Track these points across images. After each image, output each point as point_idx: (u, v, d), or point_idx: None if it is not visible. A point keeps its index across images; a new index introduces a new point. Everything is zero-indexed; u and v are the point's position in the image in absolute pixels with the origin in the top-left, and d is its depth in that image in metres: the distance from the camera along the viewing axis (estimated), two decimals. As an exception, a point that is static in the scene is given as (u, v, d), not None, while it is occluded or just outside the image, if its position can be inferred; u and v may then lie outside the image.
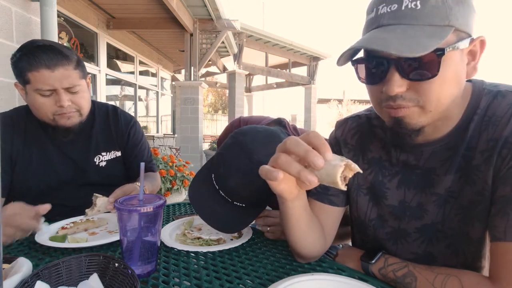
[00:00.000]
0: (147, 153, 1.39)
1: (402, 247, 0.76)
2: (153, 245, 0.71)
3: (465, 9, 0.58)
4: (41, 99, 1.04)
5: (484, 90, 0.66)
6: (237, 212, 0.87)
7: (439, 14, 0.55)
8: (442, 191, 0.68)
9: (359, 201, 0.82)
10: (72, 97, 1.08)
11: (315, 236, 0.76)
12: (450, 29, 0.55)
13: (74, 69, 1.06)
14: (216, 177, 0.88)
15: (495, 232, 0.59)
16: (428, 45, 0.53)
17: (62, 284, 0.60)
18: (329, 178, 0.49)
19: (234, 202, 0.86)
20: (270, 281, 0.68)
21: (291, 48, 10.97)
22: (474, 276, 0.60)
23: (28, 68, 1.00)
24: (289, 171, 0.52)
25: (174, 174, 4.02)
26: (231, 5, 6.92)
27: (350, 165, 0.49)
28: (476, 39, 0.60)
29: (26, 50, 1.01)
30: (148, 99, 9.62)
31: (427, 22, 0.56)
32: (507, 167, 0.59)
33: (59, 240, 0.88)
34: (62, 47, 1.05)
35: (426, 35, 0.54)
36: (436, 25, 0.56)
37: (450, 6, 0.56)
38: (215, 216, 0.88)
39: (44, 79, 1.01)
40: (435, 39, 0.54)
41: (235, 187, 0.84)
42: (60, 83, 1.03)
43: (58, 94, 1.04)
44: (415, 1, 0.56)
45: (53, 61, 1.01)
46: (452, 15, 0.56)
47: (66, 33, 5.29)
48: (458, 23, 0.56)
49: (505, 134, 0.60)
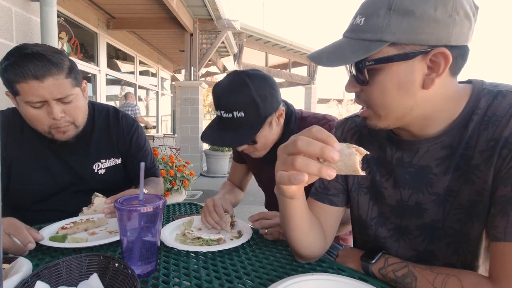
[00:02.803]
0: (150, 158, 1.35)
1: (404, 244, 0.76)
2: (153, 245, 0.71)
3: (412, 23, 0.57)
4: (33, 111, 0.98)
5: (483, 90, 0.66)
6: (240, 124, 0.99)
7: (373, 30, 0.60)
8: (441, 190, 0.68)
9: (360, 201, 0.82)
10: (66, 108, 1.02)
11: (315, 236, 0.76)
12: (381, 44, 0.59)
13: (66, 77, 0.99)
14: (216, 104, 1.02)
15: (495, 232, 0.59)
16: (346, 59, 0.62)
17: (62, 284, 0.60)
18: (348, 167, 0.50)
19: (234, 113, 0.97)
20: (270, 281, 0.68)
21: (291, 48, 10.98)
22: (474, 276, 0.61)
23: (15, 79, 0.94)
24: (310, 172, 0.51)
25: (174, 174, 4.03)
26: (231, 5, 6.90)
27: (359, 150, 0.51)
28: (430, 53, 0.59)
29: (12, 60, 0.94)
30: (148, 99, 9.61)
31: (361, 37, 0.62)
32: (507, 167, 0.59)
33: (59, 240, 0.88)
34: (53, 54, 0.98)
35: (351, 50, 0.62)
36: (368, 40, 0.60)
37: (389, 23, 0.58)
38: (225, 139, 1.02)
39: (33, 91, 0.94)
40: (358, 53, 0.61)
41: (227, 94, 0.98)
42: (50, 94, 0.96)
43: (49, 105, 0.98)
44: (361, 18, 0.62)
45: (41, 70, 0.93)
46: (389, 31, 0.59)
47: (66, 33, 5.28)
48: (396, 37, 0.58)
49: (505, 134, 0.60)
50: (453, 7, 0.57)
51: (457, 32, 0.58)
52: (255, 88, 0.98)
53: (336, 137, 0.88)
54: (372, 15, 0.60)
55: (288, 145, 0.55)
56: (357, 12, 0.64)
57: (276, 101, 1.05)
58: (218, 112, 1.02)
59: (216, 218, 1.01)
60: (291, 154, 0.54)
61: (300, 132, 0.55)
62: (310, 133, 0.53)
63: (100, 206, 0.95)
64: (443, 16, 0.57)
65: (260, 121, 1.01)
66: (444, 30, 0.57)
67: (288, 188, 0.60)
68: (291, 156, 0.53)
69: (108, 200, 0.93)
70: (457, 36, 0.58)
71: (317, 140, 0.51)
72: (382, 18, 0.59)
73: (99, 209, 0.95)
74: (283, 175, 0.54)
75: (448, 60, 0.59)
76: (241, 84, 0.98)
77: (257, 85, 0.99)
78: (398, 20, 0.58)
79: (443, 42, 0.58)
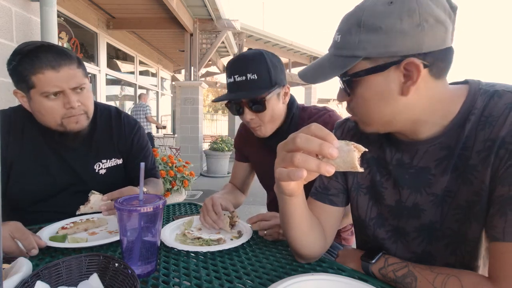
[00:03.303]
0: (151, 159, 1.34)
1: (401, 246, 0.76)
2: (153, 245, 0.71)
3: (381, 37, 0.60)
4: (48, 103, 0.99)
5: (480, 90, 0.66)
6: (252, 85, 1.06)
7: (347, 46, 0.64)
8: (439, 191, 0.68)
9: (359, 201, 0.82)
10: (80, 97, 1.03)
11: (315, 236, 0.76)
12: (355, 59, 0.63)
13: (78, 67, 1.02)
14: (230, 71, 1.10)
15: (494, 232, 0.59)
16: (328, 74, 0.66)
17: (62, 284, 0.60)
18: (347, 164, 0.51)
19: (248, 75, 1.05)
20: (270, 281, 0.68)
21: (291, 48, 10.97)
22: (474, 276, 0.61)
23: (31, 71, 0.95)
24: (309, 168, 0.52)
25: (174, 174, 4.03)
26: (231, 5, 6.90)
27: (357, 147, 0.51)
28: (402, 63, 0.60)
29: (26, 52, 0.96)
30: (148, 99, 9.61)
31: (338, 53, 0.65)
32: (505, 167, 0.59)
33: (59, 240, 0.88)
34: (61, 47, 1.02)
35: (330, 66, 0.66)
36: (345, 56, 0.64)
37: (360, 39, 0.62)
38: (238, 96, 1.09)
39: (50, 81, 0.96)
40: (336, 69, 0.65)
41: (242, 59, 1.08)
42: (67, 83, 0.98)
43: (66, 95, 0.99)
44: (338, 36, 0.66)
45: (56, 60, 0.96)
46: (360, 47, 0.62)
47: (66, 33, 5.29)
48: (367, 52, 0.61)
49: (502, 134, 0.60)
50: (420, 16, 0.58)
51: (430, 38, 0.59)
52: (269, 58, 1.08)
53: (336, 137, 0.89)
54: (346, 32, 0.64)
55: (288, 142, 0.55)
56: (337, 29, 0.68)
57: (284, 76, 1.13)
58: (231, 79, 1.08)
59: (214, 217, 1.01)
60: (290, 151, 0.54)
61: (299, 130, 0.55)
62: (309, 130, 0.53)
63: (96, 204, 0.95)
64: (410, 27, 0.58)
65: (271, 86, 1.07)
66: (413, 40, 0.59)
67: (288, 185, 0.60)
68: (290, 153, 0.54)
69: (105, 197, 0.94)
70: (430, 42, 0.59)
71: (316, 137, 0.52)
72: (354, 35, 0.63)
73: (96, 206, 0.95)
74: (282, 171, 0.55)
75: (418, 69, 0.60)
76: (256, 53, 1.09)
77: (271, 57, 1.10)
78: (368, 36, 0.61)
79: (414, 51, 0.59)
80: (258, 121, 1.12)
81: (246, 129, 1.36)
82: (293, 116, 1.18)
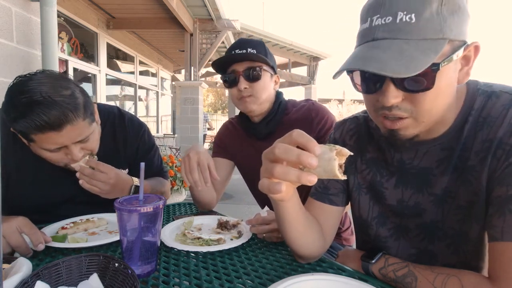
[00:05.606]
0: (157, 160, 1.31)
1: (404, 243, 0.76)
2: (153, 245, 0.71)
3: (459, 18, 0.57)
4: (49, 154, 0.94)
5: (478, 90, 0.66)
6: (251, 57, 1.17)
7: (433, 27, 0.55)
8: (439, 191, 0.68)
9: (361, 201, 0.82)
10: (84, 145, 0.98)
11: (313, 236, 0.76)
12: (444, 41, 0.55)
13: (83, 119, 0.92)
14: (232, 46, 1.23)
15: (493, 232, 0.59)
16: (423, 62, 0.53)
17: (62, 284, 0.60)
18: (328, 173, 0.50)
19: (248, 49, 1.17)
20: (270, 281, 0.68)
21: (291, 48, 10.96)
22: (474, 276, 0.61)
23: (30, 131, 0.86)
24: (289, 179, 0.51)
25: (174, 174, 4.03)
26: (231, 5, 6.90)
27: (340, 152, 0.50)
28: (470, 45, 0.59)
29: (22, 110, 0.84)
30: (148, 99, 9.61)
31: (421, 36, 0.55)
32: (502, 168, 0.59)
33: (59, 240, 0.87)
34: (65, 95, 0.87)
35: (421, 51, 0.54)
36: (431, 39, 0.55)
37: (444, 18, 0.55)
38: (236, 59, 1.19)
39: (50, 140, 0.89)
40: (430, 54, 0.54)
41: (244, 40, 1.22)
42: (69, 139, 0.91)
43: (69, 149, 0.94)
44: (410, 14, 0.55)
45: (57, 121, 0.85)
46: (446, 27, 0.55)
47: (66, 33, 5.29)
48: (453, 34, 0.56)
49: (499, 135, 0.60)
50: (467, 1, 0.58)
51: None
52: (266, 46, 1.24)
53: (335, 138, 0.89)
54: (425, 11, 0.55)
55: (269, 152, 0.54)
56: (395, 8, 0.56)
57: (276, 68, 1.25)
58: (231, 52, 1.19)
59: (196, 177, 0.95)
60: (272, 161, 0.54)
61: (281, 138, 0.54)
62: (290, 138, 0.52)
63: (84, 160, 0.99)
64: (468, 10, 0.58)
65: (266, 61, 1.18)
66: (468, 25, 0.58)
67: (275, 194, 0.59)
68: (271, 164, 0.53)
69: None
70: None
71: (298, 144, 0.51)
72: (437, 15, 0.55)
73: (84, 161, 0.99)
74: (264, 183, 0.55)
75: (477, 53, 0.59)
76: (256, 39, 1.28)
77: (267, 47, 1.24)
78: (450, 15, 0.55)
79: (467, 35, 0.59)
80: (251, 90, 1.18)
81: (235, 126, 1.37)
82: (281, 103, 1.26)
